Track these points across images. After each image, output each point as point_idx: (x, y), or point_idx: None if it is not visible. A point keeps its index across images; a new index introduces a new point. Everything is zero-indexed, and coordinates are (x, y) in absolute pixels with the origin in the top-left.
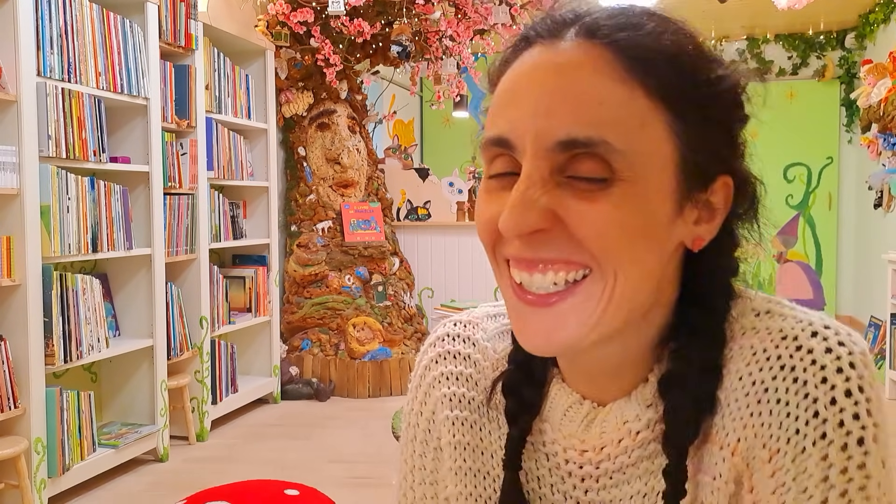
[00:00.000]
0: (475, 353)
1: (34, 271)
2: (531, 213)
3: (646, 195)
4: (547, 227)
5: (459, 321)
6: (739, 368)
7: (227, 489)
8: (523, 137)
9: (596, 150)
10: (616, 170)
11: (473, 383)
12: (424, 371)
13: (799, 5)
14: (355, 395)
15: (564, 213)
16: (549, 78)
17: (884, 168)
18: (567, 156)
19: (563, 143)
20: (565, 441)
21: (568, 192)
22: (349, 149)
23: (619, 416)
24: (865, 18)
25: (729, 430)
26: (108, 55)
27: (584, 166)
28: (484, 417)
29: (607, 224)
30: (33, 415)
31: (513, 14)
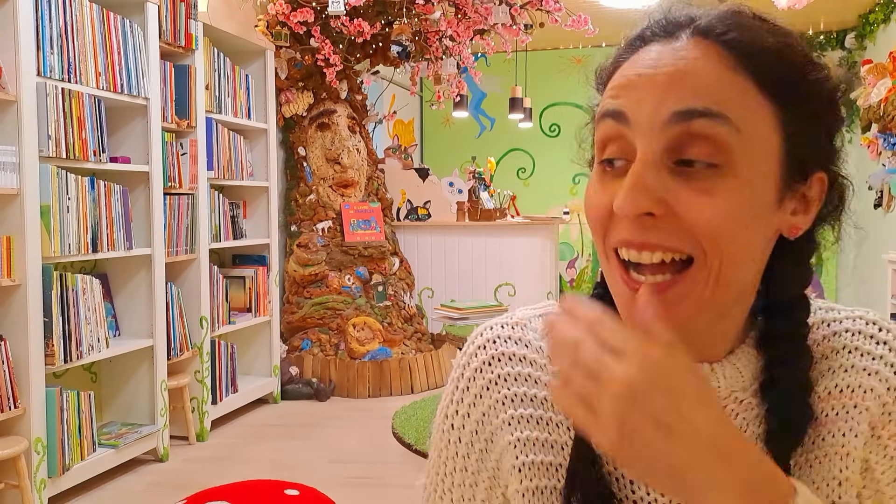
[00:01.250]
0: (530, 352)
1: (34, 271)
2: (646, 197)
3: (754, 183)
4: (659, 213)
5: (506, 323)
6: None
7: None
8: (640, 111)
9: (712, 126)
10: (730, 152)
11: (533, 381)
12: (475, 374)
13: (799, 5)
14: (355, 395)
15: (676, 203)
16: (667, 64)
17: (884, 168)
18: (682, 133)
19: (680, 112)
20: None
21: (681, 181)
22: (349, 149)
23: (725, 378)
24: (865, 18)
25: (854, 387)
26: (108, 55)
27: (697, 149)
28: (550, 412)
29: (719, 218)
30: (33, 415)
31: (513, 14)
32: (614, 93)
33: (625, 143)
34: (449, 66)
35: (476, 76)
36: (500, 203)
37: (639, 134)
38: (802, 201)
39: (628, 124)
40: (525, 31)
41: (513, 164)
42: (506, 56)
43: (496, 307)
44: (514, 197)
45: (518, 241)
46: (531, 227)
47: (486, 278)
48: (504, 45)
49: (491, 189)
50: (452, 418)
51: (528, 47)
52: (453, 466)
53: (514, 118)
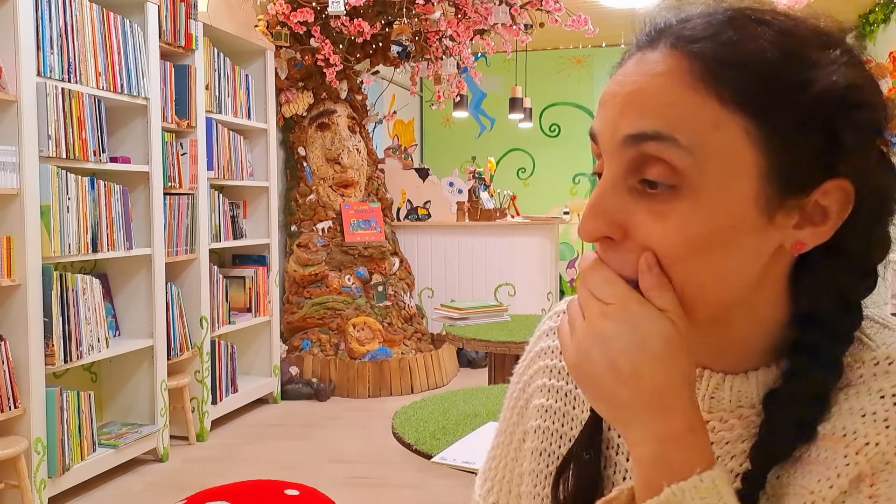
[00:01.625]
0: None
1: (34, 271)
2: (600, 222)
3: (719, 202)
4: (616, 237)
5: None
6: (883, 388)
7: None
8: (603, 132)
9: (662, 149)
10: (684, 174)
11: (566, 373)
12: (536, 340)
13: (799, 5)
14: (355, 395)
15: (632, 227)
16: (630, 82)
17: None
18: (638, 154)
19: (631, 136)
20: None
21: (641, 202)
22: (349, 149)
23: (731, 390)
24: (865, 18)
25: (859, 436)
26: (108, 55)
27: (653, 170)
28: (569, 405)
29: (670, 243)
30: (33, 415)
31: (513, 14)
32: (596, 109)
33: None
34: (449, 66)
35: (476, 76)
36: (500, 203)
37: (605, 155)
38: (816, 212)
39: (598, 144)
40: (525, 31)
41: (513, 164)
42: (506, 56)
43: (496, 307)
44: (514, 197)
45: (518, 241)
46: (531, 227)
47: (486, 278)
48: (504, 45)
49: (491, 189)
50: (516, 374)
51: (528, 47)
52: (505, 415)
53: (514, 118)
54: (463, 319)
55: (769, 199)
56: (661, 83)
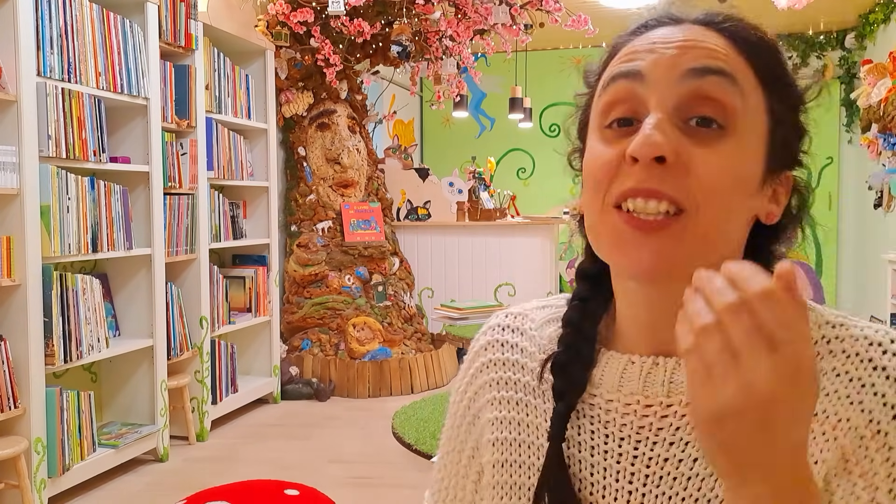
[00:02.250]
0: (523, 340)
1: (34, 271)
2: (664, 140)
3: (750, 151)
4: (670, 160)
5: (511, 312)
6: (836, 367)
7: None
8: (656, 67)
9: (723, 85)
10: (734, 115)
11: (520, 367)
12: (475, 356)
13: (799, 5)
14: (355, 395)
15: (685, 153)
16: (679, 37)
17: (884, 168)
18: (694, 91)
19: (696, 69)
20: (626, 399)
21: (688, 138)
22: (349, 149)
23: None
24: (865, 18)
25: (830, 414)
26: (108, 55)
27: (706, 107)
28: (530, 395)
29: (721, 172)
30: (33, 415)
31: (513, 14)
32: (628, 57)
33: (635, 103)
34: (449, 66)
35: (476, 76)
36: (500, 203)
37: (653, 89)
38: (777, 193)
39: (643, 81)
40: (525, 31)
41: (513, 164)
42: (506, 56)
43: (496, 307)
44: (514, 197)
45: (518, 241)
46: (531, 227)
47: (486, 278)
48: (504, 45)
49: (491, 189)
50: (457, 391)
51: (528, 47)
52: (451, 433)
53: (514, 118)
54: (463, 319)
55: (767, 166)
56: (714, 41)
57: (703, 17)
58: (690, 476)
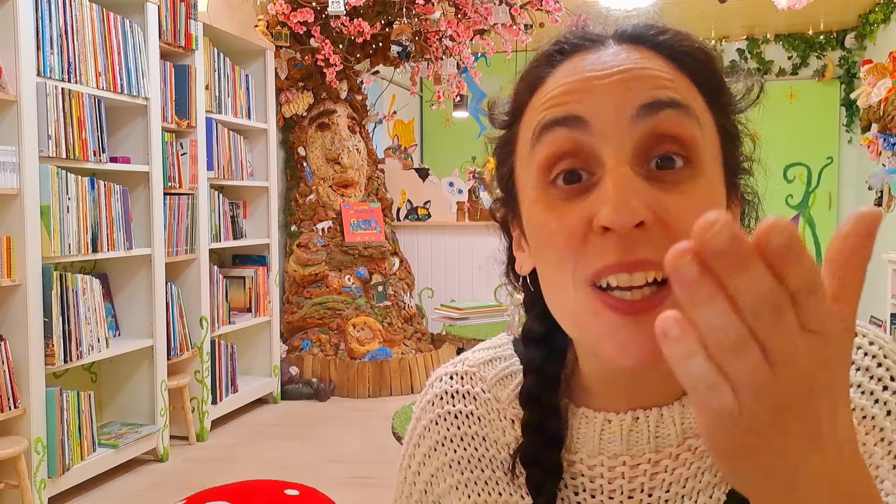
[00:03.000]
0: (477, 408)
1: (34, 271)
2: (639, 203)
3: (717, 183)
4: (649, 221)
5: (456, 373)
6: None
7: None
8: (602, 111)
9: (679, 118)
10: (696, 148)
11: (481, 439)
12: (424, 432)
13: (799, 5)
14: (355, 395)
15: (663, 210)
16: (615, 65)
17: (884, 168)
18: (649, 132)
19: (646, 105)
20: (610, 462)
21: (658, 187)
22: (349, 149)
23: (675, 425)
24: (865, 18)
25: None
26: (108, 55)
27: (668, 148)
28: (499, 471)
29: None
30: (33, 415)
31: (513, 14)
32: (558, 100)
33: (584, 154)
34: (449, 66)
35: (476, 76)
36: None
37: (603, 138)
38: (733, 207)
39: (587, 129)
40: (525, 31)
41: None
42: (506, 56)
43: (496, 307)
44: None
45: None
46: None
47: (487, 278)
48: (504, 45)
49: (491, 189)
50: (406, 471)
51: (528, 47)
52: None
53: None
54: (463, 319)
55: (725, 186)
56: (658, 65)
57: (631, 33)
58: None
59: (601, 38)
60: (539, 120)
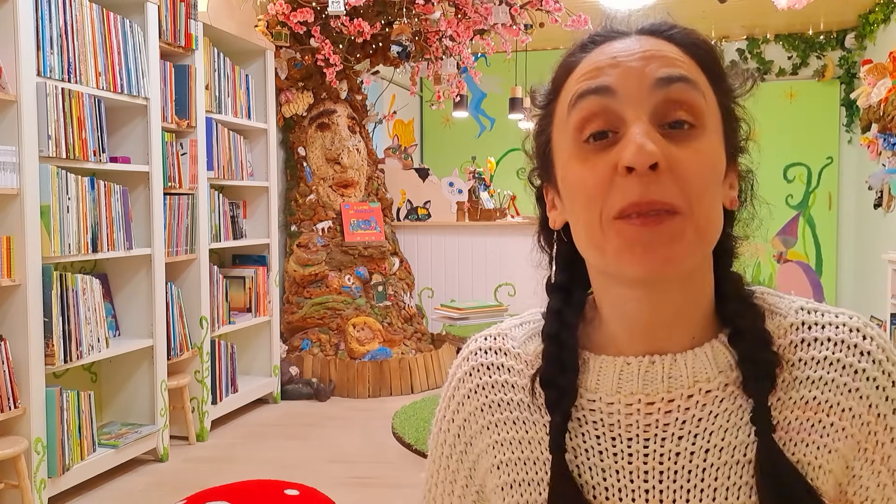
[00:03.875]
0: (507, 360)
1: (34, 271)
2: (655, 148)
3: (718, 145)
4: (663, 165)
5: (489, 335)
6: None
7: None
8: (626, 81)
9: (688, 90)
10: (702, 115)
11: (510, 386)
12: (459, 384)
13: (799, 5)
14: (355, 395)
15: (671, 157)
16: (636, 49)
17: (884, 168)
18: (663, 99)
19: (663, 78)
20: (627, 399)
21: (671, 142)
22: (349, 149)
23: (688, 369)
24: (865, 18)
25: (833, 404)
26: (108, 55)
27: (678, 111)
28: (526, 412)
29: (704, 166)
30: (33, 415)
31: (513, 14)
32: (590, 75)
33: (610, 116)
34: (449, 66)
35: (476, 76)
36: (500, 203)
37: (627, 102)
38: (732, 179)
39: (614, 96)
40: (525, 31)
41: (513, 164)
42: (506, 56)
43: (496, 307)
44: (514, 197)
45: (518, 241)
46: (531, 227)
47: (486, 278)
48: (504, 45)
49: (491, 189)
50: (441, 422)
51: (528, 47)
52: (439, 465)
53: (514, 118)
54: (463, 319)
55: (726, 157)
56: (671, 50)
57: (649, 28)
58: (705, 467)
59: (625, 31)
60: (574, 91)
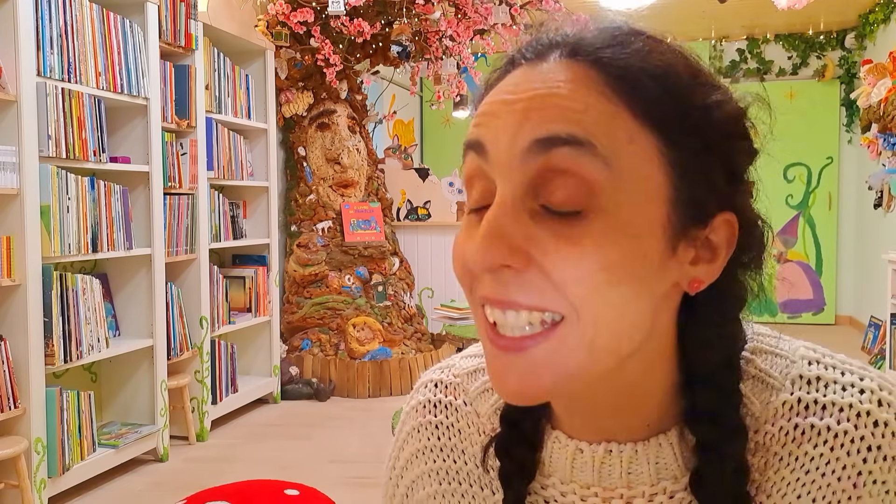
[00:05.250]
0: (458, 419)
1: (34, 271)
2: (501, 247)
3: (632, 228)
4: (518, 266)
5: (440, 382)
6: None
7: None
8: (498, 141)
9: (577, 157)
10: (599, 192)
11: (459, 452)
12: (406, 439)
13: (799, 5)
14: (355, 395)
15: (540, 255)
16: (529, 88)
17: (884, 168)
18: (543, 168)
19: (540, 140)
20: (581, 491)
21: (543, 228)
22: (349, 149)
23: (649, 464)
24: (865, 18)
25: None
26: (108, 55)
27: (561, 189)
28: (475, 486)
29: (589, 268)
30: (33, 415)
31: (513, 14)
32: (476, 121)
33: (486, 182)
34: (449, 66)
35: (476, 76)
36: None
37: (497, 170)
38: (706, 248)
39: (486, 157)
40: (525, 31)
41: None
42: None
43: None
44: None
45: None
46: None
47: None
48: (504, 45)
49: None
50: (391, 473)
51: None
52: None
53: None
54: (463, 319)
55: (674, 228)
56: (570, 88)
57: (574, 45)
58: None
59: (544, 52)
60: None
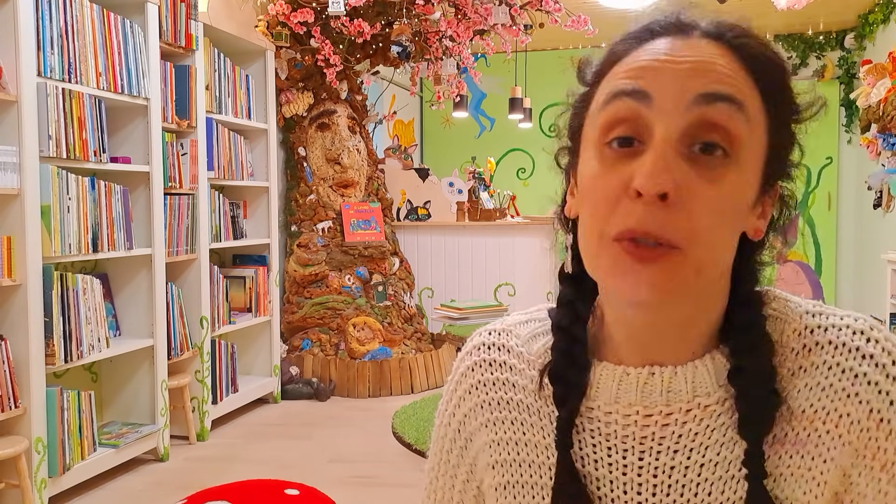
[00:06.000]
0: (510, 358)
1: (35, 271)
2: (668, 176)
3: (748, 179)
4: (673, 196)
5: (494, 330)
6: (826, 360)
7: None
8: (665, 91)
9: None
10: (740, 144)
11: (511, 385)
12: (461, 378)
13: (799, 5)
14: (355, 395)
15: (686, 189)
16: (687, 54)
17: (883, 168)
18: (700, 118)
19: (705, 94)
20: (625, 410)
21: (691, 167)
22: (349, 149)
23: (687, 382)
24: (865, 18)
25: (830, 410)
26: (108, 55)
27: (712, 134)
28: (525, 413)
29: (722, 205)
30: (34, 415)
31: (513, 14)
32: (632, 74)
33: (640, 124)
34: (449, 66)
35: (476, 76)
36: (499, 203)
37: (661, 114)
38: (765, 207)
39: (650, 103)
40: (525, 32)
41: (513, 165)
42: (506, 56)
43: (496, 307)
44: (514, 197)
45: (518, 241)
46: (531, 227)
47: (486, 278)
48: (504, 45)
49: (491, 189)
50: (443, 415)
51: (527, 47)
52: (441, 458)
53: (514, 118)
54: (463, 319)
55: (761, 185)
56: (724, 61)
57: (714, 30)
58: (699, 482)
59: (687, 29)
60: (612, 87)
